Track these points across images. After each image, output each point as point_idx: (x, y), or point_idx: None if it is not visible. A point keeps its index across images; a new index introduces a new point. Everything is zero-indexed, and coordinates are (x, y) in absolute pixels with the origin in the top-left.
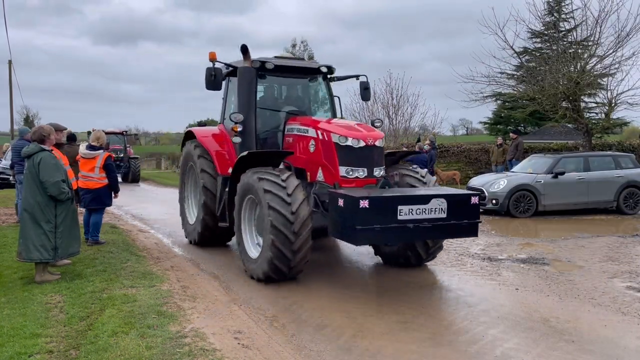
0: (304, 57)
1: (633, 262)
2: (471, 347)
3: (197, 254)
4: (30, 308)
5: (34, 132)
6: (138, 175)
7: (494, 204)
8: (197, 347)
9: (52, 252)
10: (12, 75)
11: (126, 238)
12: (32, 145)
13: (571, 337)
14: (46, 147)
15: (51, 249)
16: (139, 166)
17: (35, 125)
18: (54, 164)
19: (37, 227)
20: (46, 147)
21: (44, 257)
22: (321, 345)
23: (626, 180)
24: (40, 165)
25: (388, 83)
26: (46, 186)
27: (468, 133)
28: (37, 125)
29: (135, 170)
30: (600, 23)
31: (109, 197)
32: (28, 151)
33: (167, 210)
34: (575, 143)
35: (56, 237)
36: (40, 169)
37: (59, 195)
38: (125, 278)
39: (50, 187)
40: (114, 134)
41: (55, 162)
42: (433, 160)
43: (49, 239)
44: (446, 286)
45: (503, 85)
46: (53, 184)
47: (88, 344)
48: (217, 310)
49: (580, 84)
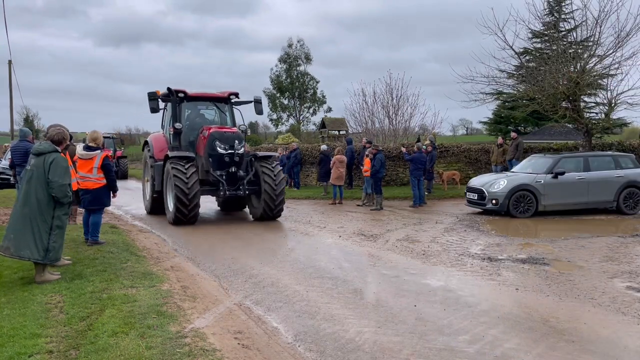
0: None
1: (633, 262)
2: (471, 347)
3: (197, 254)
4: (30, 308)
5: (53, 132)
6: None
7: (494, 204)
8: (197, 347)
9: (43, 253)
10: (12, 75)
11: (126, 238)
12: (45, 143)
13: (571, 337)
14: (60, 149)
15: (42, 250)
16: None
17: (35, 126)
18: (65, 167)
19: (33, 225)
20: (59, 149)
21: (33, 256)
22: (321, 345)
23: (626, 180)
24: (52, 165)
25: (388, 83)
26: (53, 187)
27: (468, 133)
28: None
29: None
30: (600, 23)
31: (108, 197)
32: (40, 149)
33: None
34: (575, 143)
35: (50, 239)
36: (52, 168)
37: (62, 199)
38: (125, 278)
39: (56, 189)
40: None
41: (67, 165)
42: (433, 161)
43: (42, 239)
44: (446, 286)
45: (503, 85)
46: (60, 186)
47: (88, 344)
48: (217, 310)
49: (580, 84)
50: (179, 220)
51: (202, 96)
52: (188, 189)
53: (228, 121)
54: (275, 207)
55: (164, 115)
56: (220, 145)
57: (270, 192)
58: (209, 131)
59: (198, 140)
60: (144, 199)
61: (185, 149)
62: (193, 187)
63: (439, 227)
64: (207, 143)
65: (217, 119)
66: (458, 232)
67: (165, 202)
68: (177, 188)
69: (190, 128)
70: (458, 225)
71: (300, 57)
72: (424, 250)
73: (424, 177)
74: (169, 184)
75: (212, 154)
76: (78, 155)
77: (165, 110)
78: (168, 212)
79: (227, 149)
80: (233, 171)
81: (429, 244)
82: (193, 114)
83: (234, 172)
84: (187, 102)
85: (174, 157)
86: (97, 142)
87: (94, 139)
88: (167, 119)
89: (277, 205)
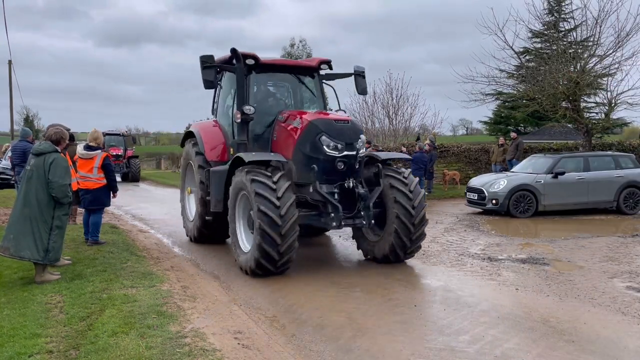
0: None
1: (633, 262)
2: (471, 347)
3: (197, 254)
4: (30, 308)
5: (52, 132)
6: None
7: (494, 204)
8: (197, 347)
9: (43, 254)
10: (13, 75)
11: (126, 238)
12: (45, 143)
13: (571, 337)
14: (59, 149)
15: (43, 250)
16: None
17: (35, 126)
18: (66, 167)
19: (33, 226)
20: (59, 149)
21: (33, 257)
22: (321, 345)
23: (626, 180)
24: (52, 165)
25: (388, 83)
26: (53, 187)
27: (468, 133)
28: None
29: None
30: (600, 23)
31: (108, 197)
32: (40, 149)
33: (167, 210)
34: (575, 143)
35: (50, 240)
36: (52, 169)
37: (62, 199)
38: (125, 278)
39: (57, 189)
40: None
41: (67, 165)
42: (433, 161)
43: (42, 239)
44: (446, 286)
45: (503, 85)
46: (60, 186)
47: (88, 344)
48: (217, 310)
49: (580, 84)
50: (263, 268)
51: (281, 64)
52: (281, 217)
53: (318, 104)
54: (411, 243)
55: (216, 94)
56: (330, 142)
57: (405, 219)
58: (304, 119)
59: (276, 134)
60: (184, 218)
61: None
62: (289, 213)
63: (439, 227)
64: (304, 139)
65: (291, 101)
66: (458, 232)
67: (234, 234)
68: (263, 216)
69: (258, 113)
70: (458, 225)
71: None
72: (424, 250)
73: (424, 177)
74: (241, 207)
75: (314, 158)
76: (78, 155)
77: (219, 87)
78: (239, 250)
79: (341, 149)
80: (350, 186)
81: (429, 243)
82: (261, 92)
83: (351, 189)
84: (256, 73)
85: (252, 161)
86: (98, 141)
87: (95, 139)
88: (223, 98)
89: (415, 239)
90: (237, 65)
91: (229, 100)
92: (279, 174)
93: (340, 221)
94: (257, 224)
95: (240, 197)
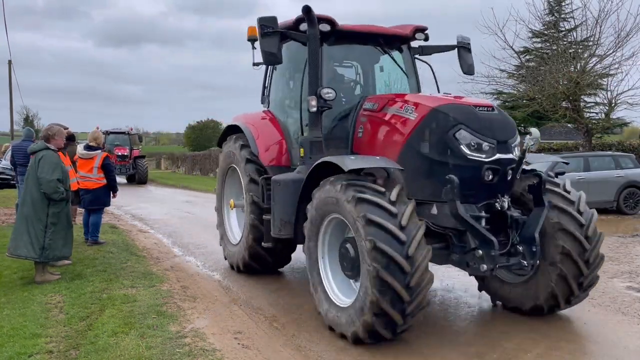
0: None
1: (633, 262)
2: (471, 347)
3: (196, 254)
4: (30, 308)
5: (44, 130)
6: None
7: None
8: (197, 347)
9: (39, 252)
10: (12, 75)
11: (126, 238)
12: (39, 142)
13: (571, 337)
14: (51, 146)
15: (39, 248)
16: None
17: (35, 126)
18: (55, 162)
19: (28, 225)
20: (51, 146)
21: (30, 255)
22: (321, 345)
23: (626, 180)
24: (41, 162)
25: None
26: (41, 183)
27: None
28: (36, 125)
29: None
30: (600, 23)
31: (108, 197)
32: (34, 148)
33: (167, 210)
34: (575, 143)
35: (45, 237)
36: (40, 165)
37: (52, 195)
38: (125, 278)
39: (45, 184)
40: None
41: (57, 161)
42: None
43: (37, 237)
44: (446, 286)
45: (503, 85)
46: (48, 182)
47: (88, 344)
48: (217, 310)
49: (580, 84)
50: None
51: (366, 32)
52: (408, 258)
53: (410, 86)
54: (580, 290)
55: (267, 75)
56: (473, 141)
57: (575, 254)
58: (423, 105)
59: (362, 129)
60: (222, 239)
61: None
62: (419, 252)
63: None
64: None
65: (362, 82)
66: None
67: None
68: (381, 257)
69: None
70: None
71: None
72: None
73: None
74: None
75: (443, 164)
76: (78, 154)
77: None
78: (329, 304)
79: (491, 150)
80: (505, 207)
81: None
82: (331, 70)
83: (501, 211)
84: (328, 45)
85: (354, 170)
86: (98, 141)
87: (95, 139)
88: (279, 81)
89: (587, 285)
90: (310, 32)
91: (291, 83)
92: (397, 189)
93: (495, 263)
94: (371, 269)
95: (329, 223)
